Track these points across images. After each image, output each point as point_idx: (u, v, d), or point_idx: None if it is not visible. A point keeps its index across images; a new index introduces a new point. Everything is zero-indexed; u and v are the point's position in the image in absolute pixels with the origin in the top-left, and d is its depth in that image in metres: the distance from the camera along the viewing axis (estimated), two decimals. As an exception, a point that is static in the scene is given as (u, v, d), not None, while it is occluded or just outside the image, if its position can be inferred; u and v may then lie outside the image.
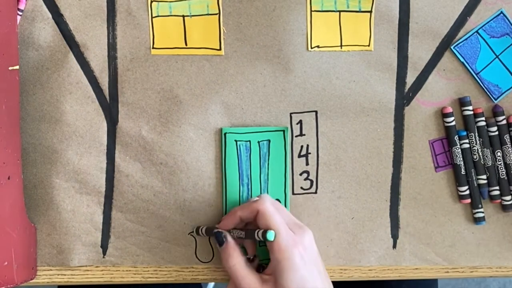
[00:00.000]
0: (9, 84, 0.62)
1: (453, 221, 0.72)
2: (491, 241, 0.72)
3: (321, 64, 0.68)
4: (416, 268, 0.72)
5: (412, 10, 0.69)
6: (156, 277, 0.70)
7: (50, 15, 0.66)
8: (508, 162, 0.71)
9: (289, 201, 0.70)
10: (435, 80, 0.70)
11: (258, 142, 0.69)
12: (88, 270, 0.69)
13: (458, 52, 0.69)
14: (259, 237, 0.62)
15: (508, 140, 0.71)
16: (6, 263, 0.62)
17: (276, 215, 0.63)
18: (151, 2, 0.66)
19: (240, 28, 0.67)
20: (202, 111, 0.68)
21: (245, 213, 0.64)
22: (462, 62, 0.69)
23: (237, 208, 0.66)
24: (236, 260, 0.64)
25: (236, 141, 0.68)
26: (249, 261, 0.66)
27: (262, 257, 0.69)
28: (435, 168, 0.71)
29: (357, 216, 0.71)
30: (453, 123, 0.70)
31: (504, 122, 0.70)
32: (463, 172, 0.71)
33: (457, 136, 0.70)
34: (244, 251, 0.67)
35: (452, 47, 0.69)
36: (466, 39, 0.69)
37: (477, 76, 0.70)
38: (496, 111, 0.70)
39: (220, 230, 0.65)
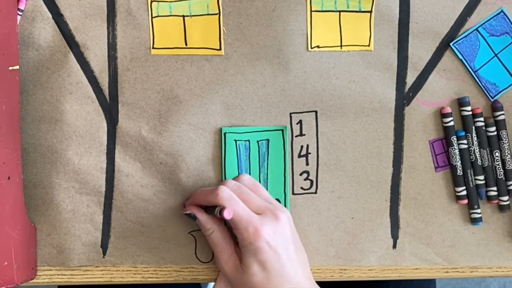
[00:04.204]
0: (9, 84, 0.62)
1: (453, 221, 0.72)
2: (491, 241, 0.72)
3: (321, 64, 0.68)
4: (416, 268, 0.72)
5: (412, 10, 0.69)
6: (156, 277, 0.70)
7: (50, 15, 0.66)
8: (504, 158, 0.71)
9: (289, 201, 0.70)
10: (435, 80, 0.70)
11: (257, 141, 0.69)
12: (88, 270, 0.69)
13: (457, 49, 0.69)
14: (218, 215, 0.62)
15: (505, 136, 0.70)
16: (6, 263, 0.62)
17: (233, 205, 0.63)
18: (151, 2, 0.67)
19: (240, 28, 0.67)
20: (202, 111, 0.68)
21: (207, 200, 0.65)
22: (461, 59, 0.69)
23: (198, 194, 0.66)
24: (211, 229, 0.66)
25: (235, 140, 0.68)
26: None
27: None
28: (435, 168, 0.71)
29: (357, 216, 0.71)
30: (451, 123, 0.70)
31: (503, 117, 0.70)
32: (459, 172, 0.70)
33: (454, 136, 0.70)
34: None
35: (451, 44, 0.69)
36: (465, 36, 0.69)
37: (475, 74, 0.70)
38: (495, 106, 0.70)
39: (188, 212, 0.66)
